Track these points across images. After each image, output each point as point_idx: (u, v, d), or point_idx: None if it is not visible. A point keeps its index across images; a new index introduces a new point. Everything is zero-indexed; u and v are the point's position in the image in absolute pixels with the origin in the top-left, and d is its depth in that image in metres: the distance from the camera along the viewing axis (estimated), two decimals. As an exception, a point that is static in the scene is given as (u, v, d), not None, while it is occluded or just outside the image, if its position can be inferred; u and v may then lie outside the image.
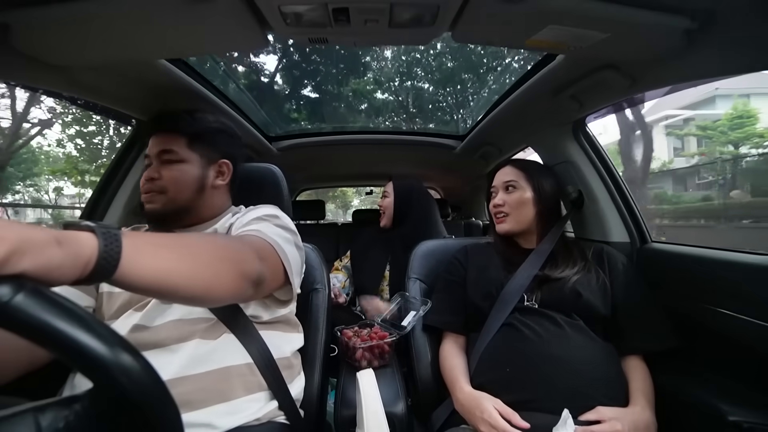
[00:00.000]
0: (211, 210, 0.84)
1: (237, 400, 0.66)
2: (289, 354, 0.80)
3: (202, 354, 0.66)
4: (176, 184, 0.78)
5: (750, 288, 0.78)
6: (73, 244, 0.35)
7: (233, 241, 0.59)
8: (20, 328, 0.28)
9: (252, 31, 0.72)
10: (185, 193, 0.79)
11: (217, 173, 0.85)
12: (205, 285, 0.48)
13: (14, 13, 0.64)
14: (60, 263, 0.34)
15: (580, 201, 1.22)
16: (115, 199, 1.18)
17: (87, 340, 0.29)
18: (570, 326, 0.82)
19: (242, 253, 0.56)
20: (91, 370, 0.30)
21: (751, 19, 0.64)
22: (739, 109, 11.78)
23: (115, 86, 0.96)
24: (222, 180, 0.85)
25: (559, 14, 0.65)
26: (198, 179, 0.81)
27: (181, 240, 0.51)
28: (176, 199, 0.78)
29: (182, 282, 0.45)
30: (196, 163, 0.81)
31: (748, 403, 0.73)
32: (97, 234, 0.38)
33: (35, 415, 0.29)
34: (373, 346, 0.99)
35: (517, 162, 1.07)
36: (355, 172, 2.60)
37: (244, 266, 0.55)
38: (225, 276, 0.51)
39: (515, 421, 0.71)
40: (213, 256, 0.51)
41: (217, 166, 0.85)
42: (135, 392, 0.31)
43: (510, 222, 1.01)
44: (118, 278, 0.39)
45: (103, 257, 0.37)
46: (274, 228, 0.71)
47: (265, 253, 0.63)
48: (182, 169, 0.79)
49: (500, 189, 1.04)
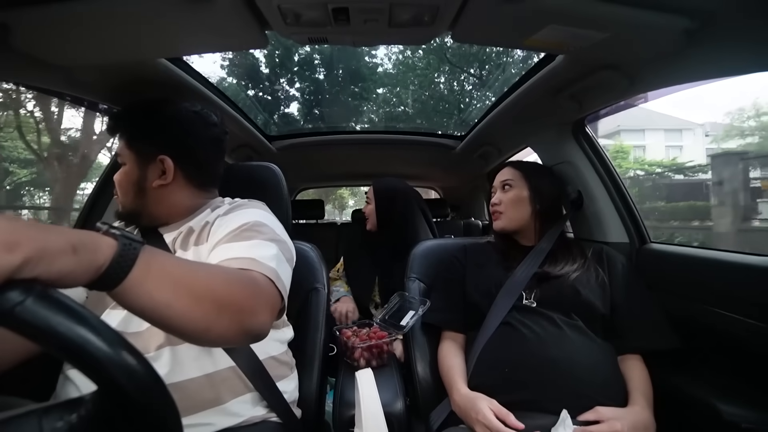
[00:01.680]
0: (171, 210, 0.78)
1: (225, 404, 0.65)
2: (278, 352, 0.78)
3: (184, 360, 0.64)
4: (119, 188, 0.76)
5: (748, 288, 0.78)
6: (89, 252, 0.36)
7: (250, 288, 0.54)
8: (28, 332, 0.29)
9: (251, 31, 0.72)
10: (127, 197, 0.76)
11: (160, 172, 0.75)
12: (199, 328, 0.46)
13: (14, 12, 0.64)
14: (72, 269, 0.34)
15: (579, 201, 1.22)
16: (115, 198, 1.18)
17: (94, 345, 0.30)
18: (568, 326, 0.82)
19: (253, 308, 0.52)
20: (97, 374, 0.30)
21: (751, 19, 0.64)
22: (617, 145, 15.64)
23: (114, 85, 0.96)
24: (163, 180, 0.75)
25: (559, 14, 0.65)
26: (134, 182, 0.75)
27: (196, 275, 0.48)
28: (123, 203, 0.76)
29: (176, 320, 0.44)
30: (133, 165, 0.75)
31: (746, 403, 0.73)
32: (118, 243, 0.38)
33: (39, 418, 0.29)
34: (372, 346, 0.99)
35: (515, 163, 1.11)
36: (355, 171, 2.59)
37: (246, 321, 0.51)
38: (223, 325, 0.48)
39: (510, 421, 0.71)
40: (218, 302, 0.48)
41: (159, 164, 0.75)
42: (138, 394, 0.31)
43: (504, 219, 1.03)
44: (117, 294, 0.39)
45: (113, 268, 0.38)
46: (266, 247, 0.65)
47: (274, 302, 0.59)
48: (123, 172, 0.76)
49: (498, 188, 1.07)
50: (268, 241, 0.67)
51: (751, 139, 13.55)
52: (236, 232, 0.67)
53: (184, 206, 0.78)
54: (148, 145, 0.75)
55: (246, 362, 0.69)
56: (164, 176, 0.75)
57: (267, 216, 0.75)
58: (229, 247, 0.64)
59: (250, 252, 0.62)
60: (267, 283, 0.59)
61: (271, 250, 0.65)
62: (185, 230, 0.75)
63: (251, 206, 0.77)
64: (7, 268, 0.29)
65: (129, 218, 0.78)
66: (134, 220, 0.78)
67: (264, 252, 0.63)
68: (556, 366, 0.76)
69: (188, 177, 0.78)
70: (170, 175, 0.75)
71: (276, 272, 0.61)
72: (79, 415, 0.30)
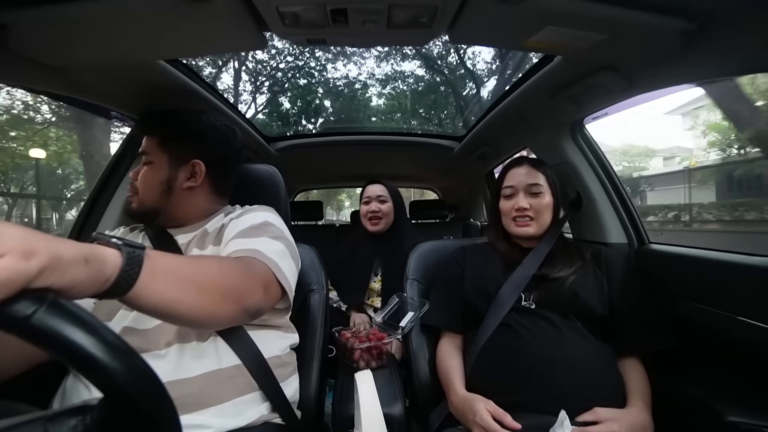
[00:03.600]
0: (191, 211, 0.82)
1: (228, 402, 0.65)
2: (281, 353, 0.79)
3: (190, 357, 0.65)
4: (144, 185, 0.79)
5: (747, 289, 0.78)
6: (99, 263, 0.37)
7: (242, 271, 0.60)
8: (40, 341, 0.29)
9: (250, 32, 0.72)
10: (152, 195, 0.79)
11: (189, 175, 0.81)
12: (207, 315, 0.52)
13: (11, 13, 0.63)
14: (83, 280, 0.35)
15: (578, 202, 1.22)
16: (114, 199, 1.18)
17: (103, 355, 0.30)
18: (567, 328, 0.82)
19: (248, 288, 0.59)
20: (105, 384, 0.30)
21: (748, 21, 0.64)
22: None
23: (112, 87, 0.96)
24: (193, 182, 0.81)
25: (557, 15, 0.65)
26: (164, 181, 0.79)
27: (196, 269, 0.53)
28: (145, 200, 0.79)
29: (186, 312, 0.49)
30: (164, 165, 0.80)
31: (745, 404, 0.73)
32: (122, 254, 0.40)
33: (44, 425, 0.30)
34: (371, 347, 0.99)
35: (536, 162, 1.04)
36: (354, 173, 2.59)
37: (247, 301, 0.58)
38: (227, 309, 0.55)
39: (506, 421, 0.71)
40: (220, 290, 0.54)
41: (190, 167, 0.81)
42: (144, 404, 0.32)
43: (534, 226, 0.98)
44: (129, 298, 0.41)
45: (123, 277, 0.40)
46: (272, 243, 0.71)
47: (267, 280, 0.64)
48: (150, 171, 0.79)
49: (522, 191, 1.00)
50: (274, 239, 0.72)
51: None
52: (245, 230, 0.73)
53: (203, 209, 0.84)
54: (185, 148, 0.81)
55: (251, 360, 0.70)
56: (193, 179, 0.82)
57: (275, 218, 0.81)
58: (237, 242, 0.70)
59: (256, 245, 0.68)
60: (260, 265, 0.64)
61: (275, 246, 0.71)
62: (200, 233, 0.79)
63: (261, 209, 0.83)
64: (24, 275, 0.30)
65: (145, 216, 0.80)
66: (149, 218, 0.80)
67: (268, 246, 0.69)
68: (555, 367, 0.76)
69: (213, 183, 0.85)
70: (200, 179, 0.82)
71: (276, 264, 0.67)
72: (84, 422, 0.31)
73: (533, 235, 0.99)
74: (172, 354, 0.65)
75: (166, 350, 0.65)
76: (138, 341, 0.65)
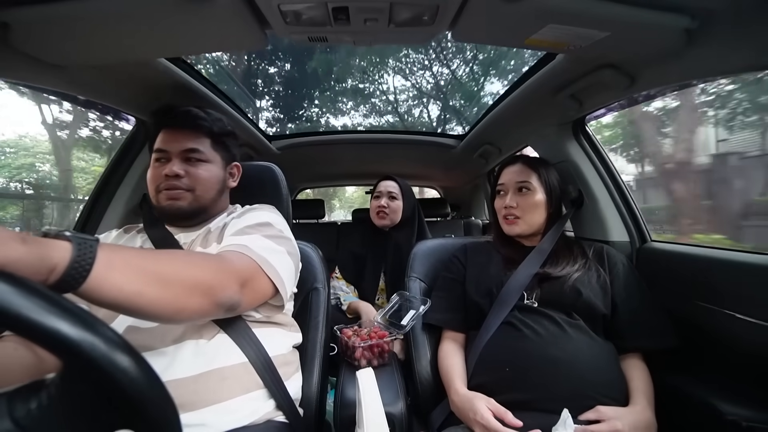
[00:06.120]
0: (218, 209, 0.85)
1: (232, 400, 0.65)
2: (286, 351, 0.79)
3: (196, 355, 0.65)
4: (204, 183, 0.79)
5: (749, 287, 0.78)
6: (40, 246, 0.36)
7: (214, 264, 0.58)
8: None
9: (251, 30, 0.72)
10: (210, 193, 0.80)
11: (229, 175, 0.87)
12: (172, 310, 0.50)
13: (14, 12, 0.64)
14: (19, 258, 0.34)
15: (580, 200, 1.21)
16: (115, 198, 1.18)
17: (52, 320, 0.27)
18: (570, 326, 0.82)
19: (220, 281, 0.57)
20: (59, 349, 0.28)
21: (750, 18, 0.64)
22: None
23: (114, 85, 0.96)
24: (234, 182, 0.88)
25: (559, 13, 0.65)
26: (221, 180, 0.83)
27: (158, 262, 0.51)
28: (201, 198, 0.79)
29: (148, 306, 0.47)
30: (218, 164, 0.83)
31: (747, 402, 0.73)
32: (72, 243, 0.39)
33: (7, 400, 0.28)
34: (372, 345, 0.99)
35: (529, 160, 1.03)
36: (355, 171, 2.59)
37: (219, 295, 0.56)
38: (194, 303, 0.52)
39: (508, 420, 0.71)
40: (187, 283, 0.52)
41: (231, 168, 0.87)
42: (103, 363, 0.28)
43: (522, 225, 0.98)
44: (84, 291, 0.40)
45: (74, 267, 0.38)
46: (263, 241, 0.71)
47: (247, 275, 0.63)
48: (209, 169, 0.81)
49: (511, 189, 1.01)
50: (267, 237, 0.73)
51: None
52: (241, 229, 0.74)
53: (222, 208, 0.87)
54: (229, 151, 0.87)
55: (257, 358, 0.70)
56: (233, 179, 0.88)
57: (274, 217, 0.81)
58: (229, 239, 0.71)
59: (244, 241, 0.68)
60: (243, 259, 0.64)
61: (266, 243, 0.71)
62: (204, 232, 0.80)
63: (262, 209, 0.85)
64: None
65: (192, 215, 0.80)
66: (192, 217, 0.81)
67: (258, 243, 0.70)
68: (558, 365, 0.76)
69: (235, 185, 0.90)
70: (237, 180, 0.89)
71: (264, 259, 0.67)
72: (48, 393, 0.29)
73: (520, 234, 1.00)
74: (178, 352, 0.65)
75: (173, 348, 0.65)
76: (143, 339, 0.64)
